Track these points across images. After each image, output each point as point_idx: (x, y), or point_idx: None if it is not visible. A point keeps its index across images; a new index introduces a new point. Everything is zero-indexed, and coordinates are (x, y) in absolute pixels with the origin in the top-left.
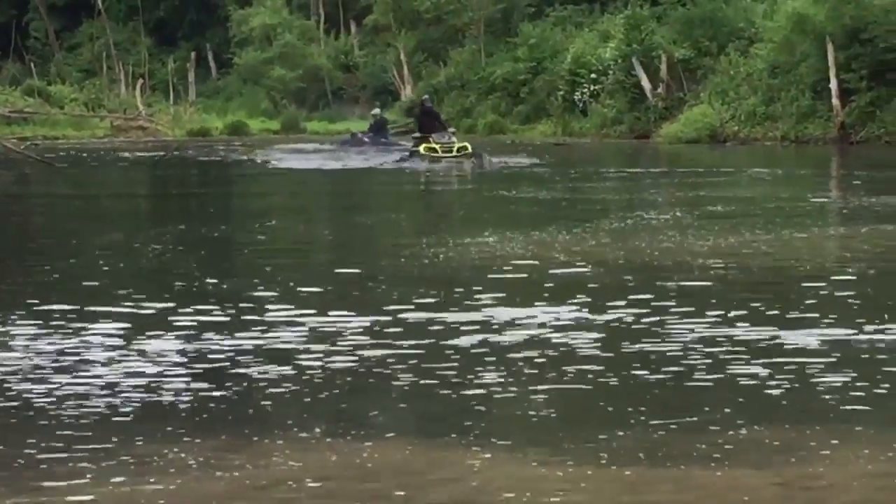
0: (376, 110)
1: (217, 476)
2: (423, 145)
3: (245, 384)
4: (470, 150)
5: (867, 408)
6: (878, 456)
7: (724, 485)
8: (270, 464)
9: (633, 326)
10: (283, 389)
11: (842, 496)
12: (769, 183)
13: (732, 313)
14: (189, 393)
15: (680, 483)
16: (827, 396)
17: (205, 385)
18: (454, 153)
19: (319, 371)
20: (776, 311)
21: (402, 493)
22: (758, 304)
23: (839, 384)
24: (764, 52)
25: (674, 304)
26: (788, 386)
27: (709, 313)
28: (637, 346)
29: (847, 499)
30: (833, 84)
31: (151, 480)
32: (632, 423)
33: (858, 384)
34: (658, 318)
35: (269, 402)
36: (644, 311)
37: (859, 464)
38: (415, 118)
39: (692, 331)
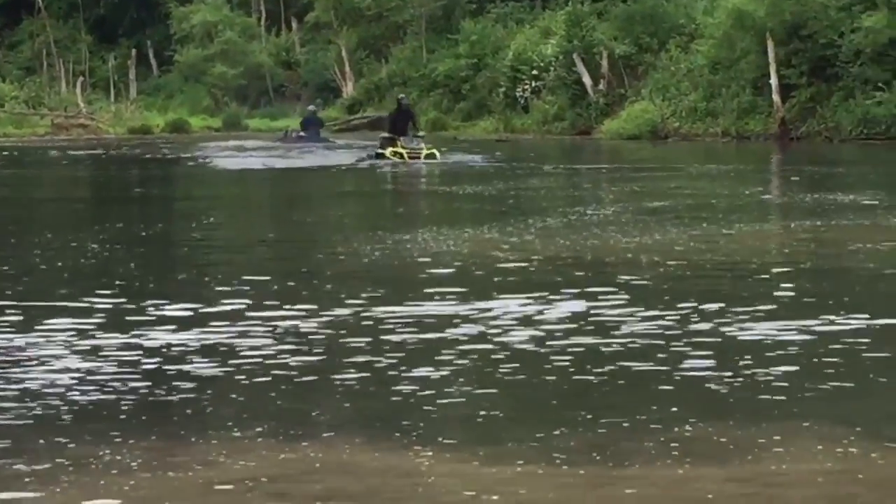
0: (312, 107)
1: (162, 476)
2: (391, 149)
3: (186, 383)
4: (438, 157)
5: (813, 403)
6: (832, 451)
7: (683, 483)
8: (216, 464)
9: (578, 322)
10: (224, 388)
11: (803, 491)
12: (710, 179)
13: (676, 309)
14: (130, 392)
15: (638, 482)
16: (772, 392)
17: (146, 384)
18: (421, 160)
19: (261, 370)
20: (719, 306)
21: (350, 493)
22: (701, 300)
23: (784, 379)
24: (705, 48)
25: (618, 299)
26: (733, 381)
27: (652, 309)
28: (582, 342)
29: (809, 493)
30: (773, 80)
31: (96, 481)
32: (580, 421)
33: (802, 379)
34: (603, 314)
35: (211, 402)
36: (589, 306)
37: (816, 460)
38: (388, 117)
39: (636, 326)
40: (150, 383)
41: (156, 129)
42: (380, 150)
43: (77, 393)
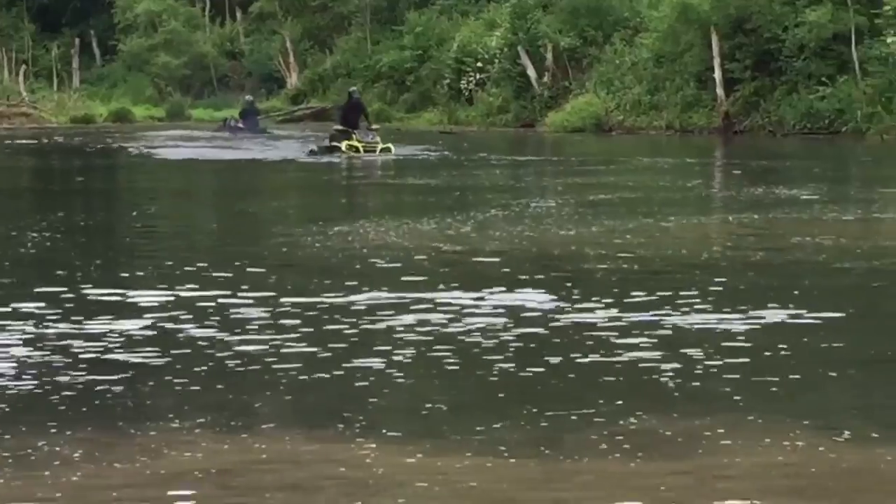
0: (249, 97)
1: (105, 468)
2: (346, 142)
3: (127, 373)
4: (393, 151)
5: (758, 396)
6: (779, 444)
7: (632, 476)
8: (159, 455)
9: (522, 314)
10: (165, 378)
11: (752, 484)
12: (653, 172)
13: (619, 301)
14: (69, 382)
15: (585, 475)
16: (717, 384)
17: (86, 374)
18: (377, 153)
19: (202, 360)
20: (662, 298)
21: (294, 484)
22: (644, 292)
23: (728, 371)
24: (649, 41)
25: (561, 291)
26: (678, 374)
27: (595, 301)
28: (525, 333)
29: (757, 486)
30: (717, 74)
31: (38, 474)
32: (525, 414)
33: (747, 372)
34: (546, 306)
35: (151, 392)
36: (532, 298)
37: (764, 453)
38: (339, 109)
39: (580, 318)
40: (89, 373)
41: (99, 119)
42: (334, 143)
43: (14, 382)
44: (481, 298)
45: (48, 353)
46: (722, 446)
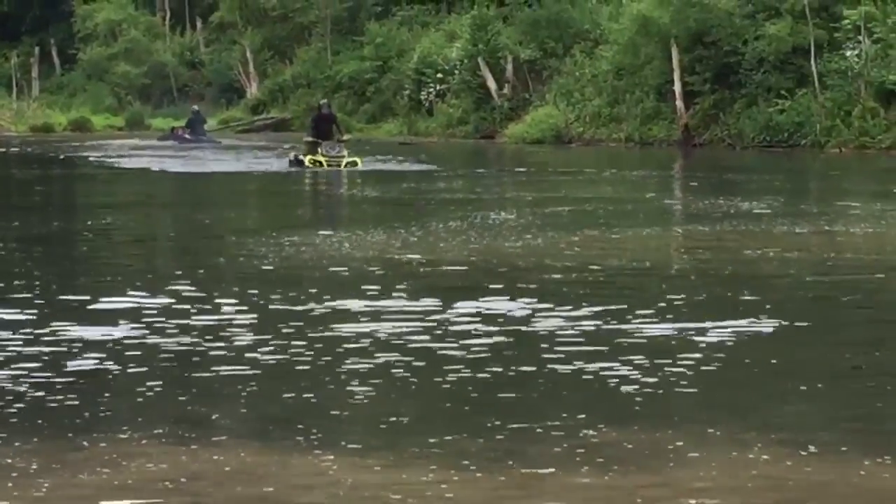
0: (195, 107)
1: (59, 479)
2: (310, 157)
3: (80, 383)
4: (359, 165)
5: (716, 408)
6: (745, 458)
7: (596, 489)
8: (112, 466)
9: (481, 326)
10: (119, 389)
11: (729, 497)
12: (611, 184)
13: (578, 312)
14: (24, 392)
15: (557, 488)
16: (677, 397)
17: (40, 384)
18: (341, 167)
19: (156, 370)
20: (620, 310)
21: (251, 497)
22: (602, 303)
23: (685, 383)
24: (609, 53)
25: (520, 302)
26: (637, 386)
27: (554, 312)
28: (485, 345)
29: (735, 500)
30: (677, 86)
31: (5, 485)
32: (487, 426)
33: (704, 383)
34: (505, 317)
35: (105, 402)
36: (491, 310)
37: (731, 467)
38: (311, 121)
39: (538, 329)
40: (42, 383)
41: (58, 128)
42: (300, 156)
43: None
44: (441, 309)
45: (2, 363)
46: (690, 459)
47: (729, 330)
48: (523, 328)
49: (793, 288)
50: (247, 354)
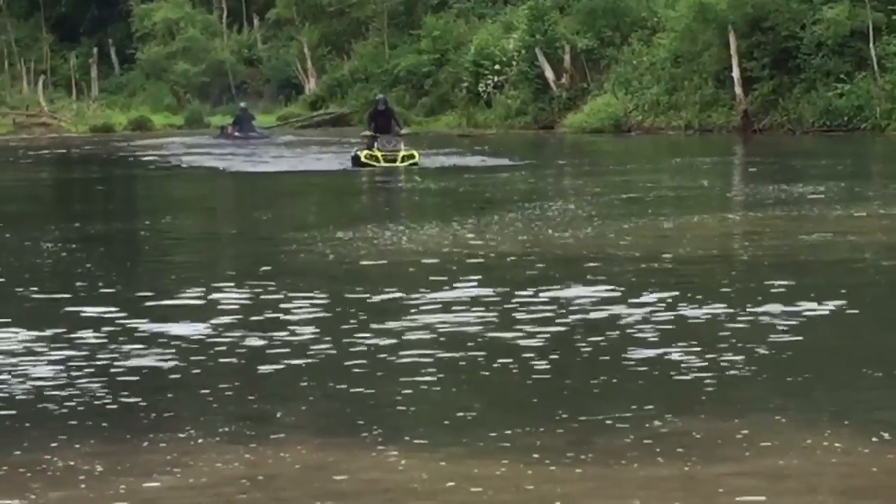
0: (242, 104)
1: (128, 481)
2: (366, 152)
3: (147, 383)
4: (417, 159)
5: (783, 395)
6: (821, 444)
7: (682, 479)
8: (183, 466)
9: (547, 317)
10: (185, 388)
11: (813, 486)
12: (672, 171)
13: (644, 299)
14: (86, 392)
15: (634, 479)
16: (742, 384)
17: (102, 384)
18: (398, 163)
19: (222, 368)
20: (684, 295)
21: (319, 493)
22: (666, 290)
23: (750, 369)
24: (666, 41)
25: (587, 293)
26: (702, 374)
27: (621, 302)
28: (552, 337)
29: (819, 488)
30: (735, 73)
31: (58, 489)
32: (555, 419)
33: (771, 370)
34: (571, 308)
35: (172, 403)
36: (557, 301)
37: (808, 454)
38: (368, 116)
39: (606, 320)
40: (103, 382)
41: (118, 128)
42: (358, 152)
43: (25, 395)
44: (505, 300)
45: (64, 363)
46: (764, 448)
47: (796, 316)
48: (587, 317)
49: (861, 273)
50: (310, 349)
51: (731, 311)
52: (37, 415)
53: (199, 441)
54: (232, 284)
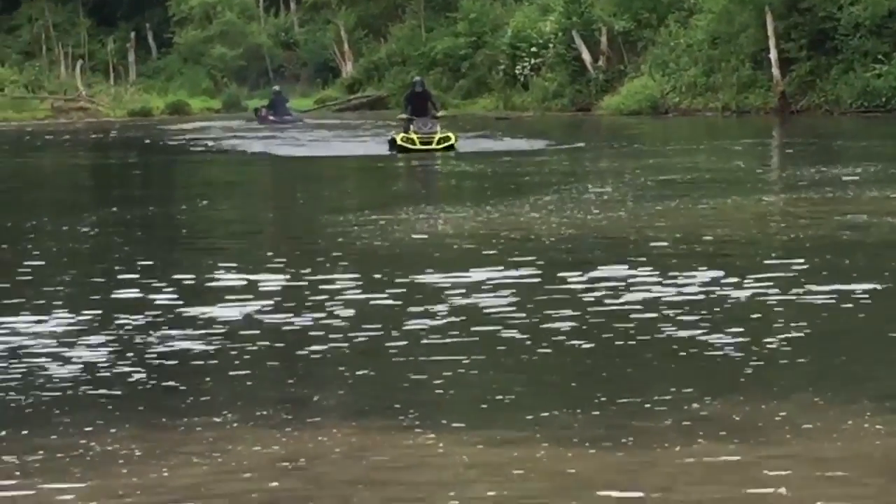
0: (276, 87)
1: (169, 465)
2: (402, 135)
3: (186, 367)
4: (454, 141)
5: (821, 378)
6: (862, 427)
7: (725, 462)
8: (226, 451)
9: (586, 299)
10: (223, 372)
11: (858, 469)
12: (710, 153)
13: (683, 280)
14: (123, 376)
15: (675, 462)
16: (780, 366)
17: (143, 370)
18: (434, 146)
19: (260, 352)
20: (724, 277)
21: (360, 477)
22: (706, 271)
23: (788, 351)
24: (703, 22)
25: (625, 275)
26: (746, 356)
27: (660, 284)
28: (591, 319)
29: (864, 471)
30: (773, 54)
31: (100, 473)
32: (594, 402)
33: (809, 351)
34: (611, 290)
35: (211, 386)
36: (596, 283)
37: (850, 437)
38: (404, 99)
39: (644, 299)
40: (140, 365)
41: (155, 112)
42: (393, 137)
43: (68, 381)
44: (543, 282)
45: (102, 347)
46: (806, 430)
47: (835, 297)
48: (626, 299)
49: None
50: (347, 333)
51: (770, 292)
52: (75, 399)
53: (237, 425)
54: (269, 268)
